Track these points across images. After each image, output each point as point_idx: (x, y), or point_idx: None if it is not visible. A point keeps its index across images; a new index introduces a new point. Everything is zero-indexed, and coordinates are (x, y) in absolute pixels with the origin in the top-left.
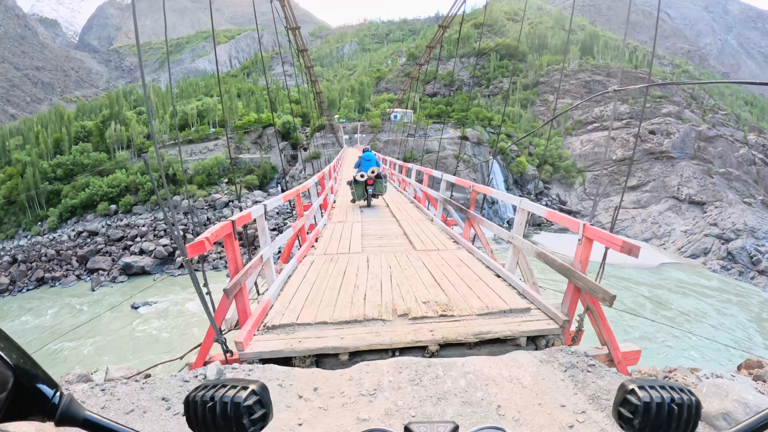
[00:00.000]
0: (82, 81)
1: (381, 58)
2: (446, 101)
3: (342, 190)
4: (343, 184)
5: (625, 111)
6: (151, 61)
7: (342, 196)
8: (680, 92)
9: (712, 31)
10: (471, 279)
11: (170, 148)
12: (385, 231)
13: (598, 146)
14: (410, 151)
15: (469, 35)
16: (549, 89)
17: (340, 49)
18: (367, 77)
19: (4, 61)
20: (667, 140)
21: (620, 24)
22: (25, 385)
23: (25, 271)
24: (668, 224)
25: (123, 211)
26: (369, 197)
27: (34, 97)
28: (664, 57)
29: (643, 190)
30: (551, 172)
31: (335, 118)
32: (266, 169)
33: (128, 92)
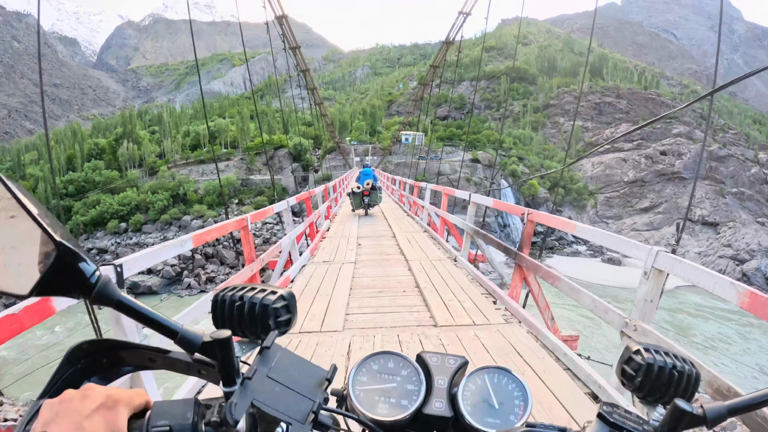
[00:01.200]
0: (99, 99)
1: (393, 81)
2: (457, 124)
3: (346, 201)
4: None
5: (636, 132)
6: (168, 82)
7: (345, 205)
8: (690, 112)
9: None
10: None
11: (181, 168)
12: (392, 286)
13: (609, 168)
14: (422, 173)
15: (478, 58)
16: (559, 111)
17: (352, 72)
18: (379, 100)
19: (23, 77)
20: (679, 161)
21: (628, 46)
22: (66, 262)
23: None
24: (682, 246)
25: (133, 230)
26: (366, 206)
27: (52, 114)
28: (672, 78)
29: (656, 211)
30: (563, 194)
31: (347, 140)
32: (277, 190)
33: (143, 112)
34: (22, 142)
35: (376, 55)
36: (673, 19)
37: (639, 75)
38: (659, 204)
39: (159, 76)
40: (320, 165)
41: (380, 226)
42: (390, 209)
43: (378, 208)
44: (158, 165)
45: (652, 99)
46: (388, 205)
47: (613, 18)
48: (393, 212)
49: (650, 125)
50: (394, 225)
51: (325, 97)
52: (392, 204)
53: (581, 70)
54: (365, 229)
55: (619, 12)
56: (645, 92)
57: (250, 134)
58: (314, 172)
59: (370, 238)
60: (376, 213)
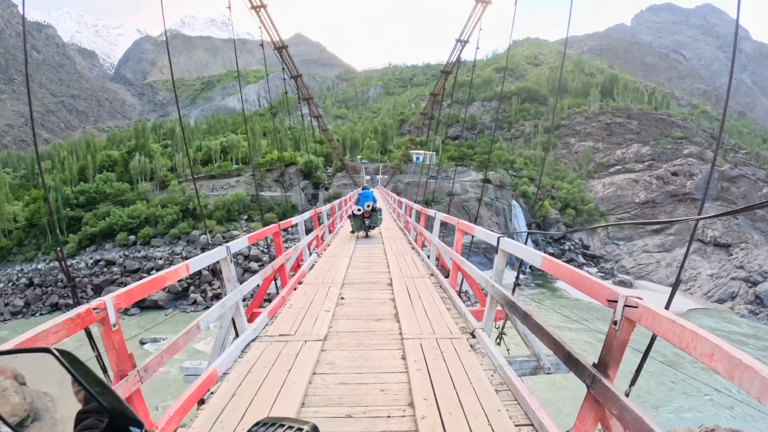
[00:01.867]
0: (116, 112)
1: (404, 101)
2: (468, 144)
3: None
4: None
5: (647, 153)
6: (183, 97)
7: (344, 227)
8: (701, 132)
9: (727, 70)
10: None
11: (192, 183)
12: (374, 400)
13: (620, 189)
14: (432, 193)
15: (490, 79)
16: (570, 132)
17: (365, 92)
18: (391, 119)
19: (42, 87)
20: (690, 182)
21: (637, 66)
22: (117, 426)
23: (40, 295)
24: (694, 268)
25: (141, 243)
26: (366, 228)
27: (69, 124)
28: (681, 98)
29: (667, 233)
30: (574, 215)
31: (358, 159)
32: (287, 207)
33: (158, 126)
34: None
35: (389, 75)
36: (682, 39)
37: (649, 95)
38: (671, 225)
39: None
40: (330, 183)
41: (376, 263)
42: (393, 238)
43: (378, 231)
44: (169, 179)
45: (662, 119)
46: (392, 232)
47: (623, 39)
48: (395, 243)
49: (661, 146)
50: (394, 264)
51: (338, 115)
52: (396, 231)
53: (592, 91)
54: (356, 269)
55: (628, 33)
56: (655, 113)
57: (261, 150)
58: (324, 189)
59: (357, 286)
60: (376, 236)
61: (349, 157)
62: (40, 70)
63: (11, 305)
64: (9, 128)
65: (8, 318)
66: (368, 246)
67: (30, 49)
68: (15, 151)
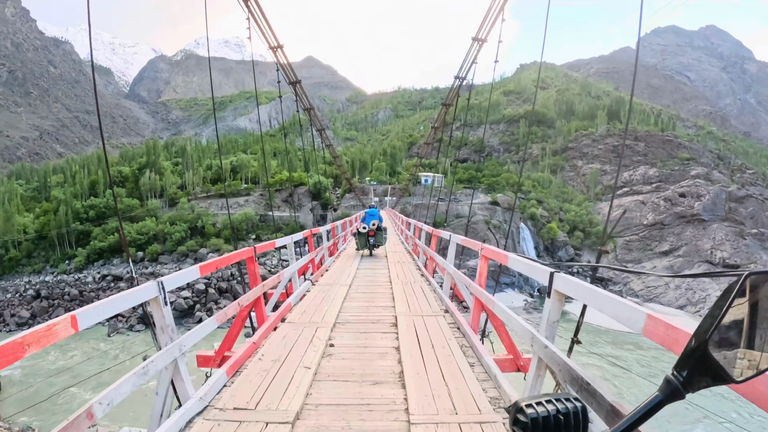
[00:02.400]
0: (129, 129)
1: (413, 124)
2: (476, 167)
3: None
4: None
5: (654, 174)
6: (196, 116)
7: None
8: (708, 153)
9: (731, 91)
10: None
11: (201, 200)
12: None
13: (628, 211)
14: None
15: (498, 102)
16: (578, 154)
17: (374, 114)
18: (400, 142)
19: (57, 102)
20: (698, 203)
21: (643, 89)
22: None
23: (46, 307)
24: (703, 290)
25: (149, 259)
26: (370, 247)
27: (82, 139)
28: (687, 119)
29: (676, 255)
30: (582, 238)
31: (366, 180)
32: (294, 227)
33: (170, 144)
34: (51, 164)
35: (398, 98)
36: (687, 61)
37: (655, 117)
38: (679, 247)
39: (188, 110)
40: (339, 204)
41: (379, 294)
42: (400, 262)
43: (383, 250)
44: (178, 196)
45: (669, 141)
46: (399, 256)
47: (628, 62)
48: (402, 268)
49: (668, 167)
50: (400, 296)
51: (347, 137)
52: (404, 254)
53: (599, 113)
54: (355, 302)
55: (633, 56)
56: (662, 134)
57: (271, 170)
58: (333, 210)
59: (353, 326)
60: (381, 258)
61: (357, 179)
62: (56, 85)
63: (17, 316)
64: (24, 141)
65: (13, 329)
66: (371, 272)
67: (47, 64)
68: (29, 164)
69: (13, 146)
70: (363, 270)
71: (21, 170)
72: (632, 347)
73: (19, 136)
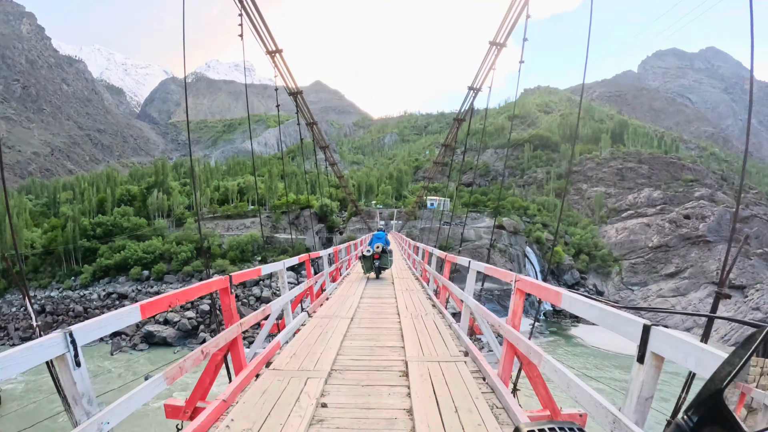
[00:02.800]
0: (140, 149)
1: (419, 148)
2: (482, 191)
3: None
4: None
5: (659, 197)
6: (205, 138)
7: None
8: (711, 174)
9: (732, 112)
10: None
11: (208, 221)
12: None
13: (633, 233)
14: (446, 239)
15: (503, 126)
16: (582, 178)
17: (381, 139)
18: (406, 166)
19: (69, 119)
20: (703, 224)
21: (646, 112)
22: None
23: (50, 323)
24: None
25: (154, 278)
26: (376, 270)
27: (93, 157)
28: (690, 141)
29: (682, 277)
30: (587, 261)
31: (372, 204)
32: (300, 250)
33: (179, 164)
34: (61, 181)
35: (404, 123)
36: (688, 83)
37: (658, 140)
38: (685, 269)
39: (197, 132)
40: (345, 227)
41: (386, 332)
42: (408, 290)
43: (390, 274)
44: (185, 216)
45: (673, 163)
46: (407, 282)
47: (631, 85)
48: (411, 297)
49: (672, 189)
50: (410, 334)
51: (354, 161)
52: (411, 281)
53: (603, 137)
54: (356, 340)
55: (635, 79)
56: (666, 156)
57: (278, 193)
58: (339, 233)
59: (353, 377)
60: (387, 285)
61: (363, 202)
62: (69, 102)
63: (21, 330)
64: (35, 156)
65: (17, 343)
66: (377, 301)
67: (60, 82)
68: (39, 179)
69: (25, 161)
70: (367, 299)
71: (31, 185)
72: None
73: (30, 151)
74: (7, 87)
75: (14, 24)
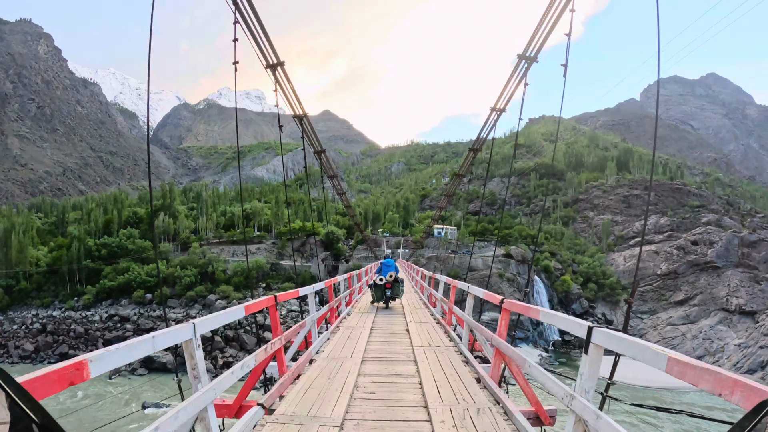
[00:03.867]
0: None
1: (426, 177)
2: (488, 219)
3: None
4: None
5: (666, 223)
6: (215, 164)
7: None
8: (717, 200)
9: (734, 137)
10: None
11: (213, 246)
12: None
13: (641, 261)
14: (453, 268)
15: (509, 155)
16: (589, 206)
17: (388, 167)
18: (413, 194)
19: (82, 141)
20: (711, 250)
21: (649, 139)
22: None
23: (50, 342)
24: (720, 339)
25: (157, 302)
26: (387, 300)
27: (104, 179)
28: (693, 167)
29: (691, 304)
30: (595, 290)
31: (379, 232)
32: (305, 277)
33: (188, 189)
34: (71, 201)
35: (411, 152)
36: (689, 110)
37: (663, 166)
38: (694, 296)
39: (208, 158)
40: (351, 255)
41: (402, 381)
42: (421, 322)
43: (399, 304)
44: (191, 240)
45: (678, 189)
46: (419, 314)
47: (633, 113)
48: (427, 332)
49: (679, 215)
50: (429, 385)
51: (361, 189)
52: (424, 312)
53: (608, 164)
54: (365, 406)
55: (638, 107)
56: (671, 183)
57: (284, 219)
58: (345, 261)
59: None
60: (398, 322)
61: (370, 230)
62: (82, 124)
63: (21, 348)
64: (47, 175)
65: (16, 361)
66: (388, 336)
67: (75, 104)
68: (50, 198)
69: (36, 180)
70: (378, 335)
71: (41, 204)
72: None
73: (42, 170)
74: (22, 106)
75: (32, 44)
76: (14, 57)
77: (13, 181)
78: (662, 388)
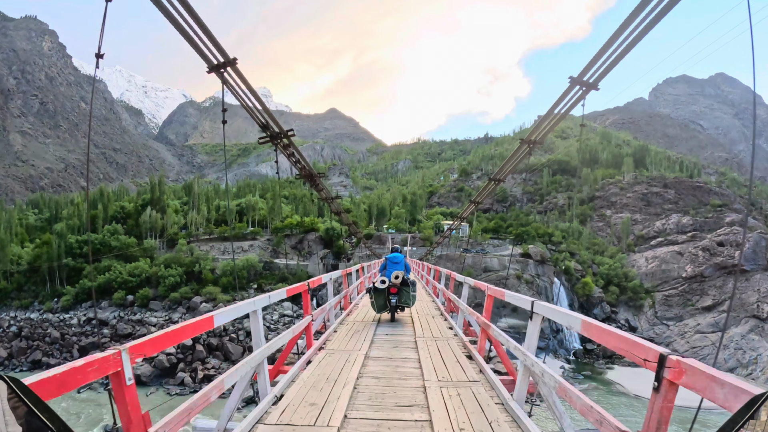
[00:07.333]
0: (154, 169)
1: (433, 174)
2: (500, 216)
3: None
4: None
5: (688, 223)
6: (220, 161)
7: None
8: (739, 199)
9: (744, 137)
10: None
11: (203, 243)
12: None
13: (665, 263)
14: (466, 268)
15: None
16: (605, 203)
17: (394, 165)
18: (420, 190)
19: (85, 137)
20: (738, 251)
21: (659, 138)
22: None
23: (24, 348)
24: (753, 349)
25: (138, 305)
26: (392, 309)
27: (107, 176)
28: (708, 166)
29: (720, 310)
30: (617, 293)
31: (384, 228)
32: (301, 277)
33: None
34: (70, 196)
35: (418, 149)
36: (699, 109)
37: (680, 164)
38: (722, 301)
39: (213, 155)
40: (353, 253)
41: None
42: (434, 338)
43: (408, 315)
44: (178, 237)
45: (699, 187)
46: (433, 327)
47: (643, 112)
48: (450, 364)
49: (701, 215)
50: None
51: (367, 186)
52: (442, 326)
53: (626, 160)
54: None
55: (647, 106)
56: (691, 180)
57: (281, 215)
58: (347, 260)
59: None
60: (405, 323)
61: (374, 226)
62: (86, 120)
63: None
64: (48, 171)
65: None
66: (390, 370)
67: (79, 100)
68: (49, 194)
69: (37, 176)
70: (375, 363)
71: (39, 199)
72: None
73: (44, 166)
74: (25, 102)
75: (36, 41)
76: (18, 53)
77: (13, 177)
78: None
